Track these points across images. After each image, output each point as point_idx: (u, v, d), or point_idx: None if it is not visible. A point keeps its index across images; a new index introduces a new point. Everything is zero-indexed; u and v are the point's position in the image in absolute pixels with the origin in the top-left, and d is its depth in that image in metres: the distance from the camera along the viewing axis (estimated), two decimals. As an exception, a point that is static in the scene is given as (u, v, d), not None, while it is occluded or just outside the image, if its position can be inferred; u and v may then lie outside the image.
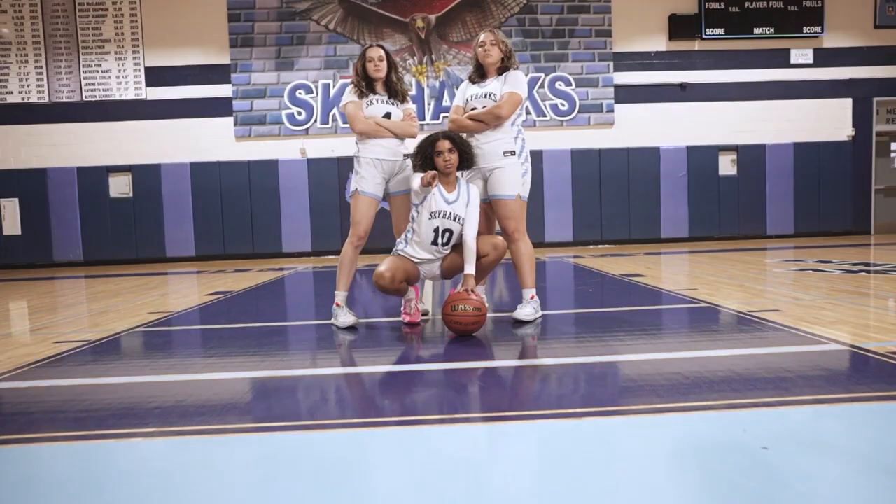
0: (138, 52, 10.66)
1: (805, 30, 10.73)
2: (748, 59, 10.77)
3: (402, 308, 3.31)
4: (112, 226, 10.46)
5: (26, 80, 10.74)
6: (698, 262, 6.48)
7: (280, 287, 5.72)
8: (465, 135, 3.28)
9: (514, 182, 3.29)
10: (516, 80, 3.30)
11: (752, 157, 10.66)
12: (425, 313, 3.54)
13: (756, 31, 10.72)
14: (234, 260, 10.28)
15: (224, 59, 10.66)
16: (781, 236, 10.61)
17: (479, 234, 3.22)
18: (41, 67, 10.74)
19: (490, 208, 3.42)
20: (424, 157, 3.17)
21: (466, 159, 3.21)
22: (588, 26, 10.74)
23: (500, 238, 3.27)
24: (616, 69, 10.78)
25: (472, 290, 2.92)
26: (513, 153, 3.30)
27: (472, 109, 3.35)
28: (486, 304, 3.62)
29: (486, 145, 3.30)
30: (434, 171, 2.99)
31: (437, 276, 3.29)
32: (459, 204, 3.15)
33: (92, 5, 10.69)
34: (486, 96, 3.32)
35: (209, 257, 10.42)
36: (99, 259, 10.42)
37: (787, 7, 10.71)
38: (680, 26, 10.71)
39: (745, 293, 3.93)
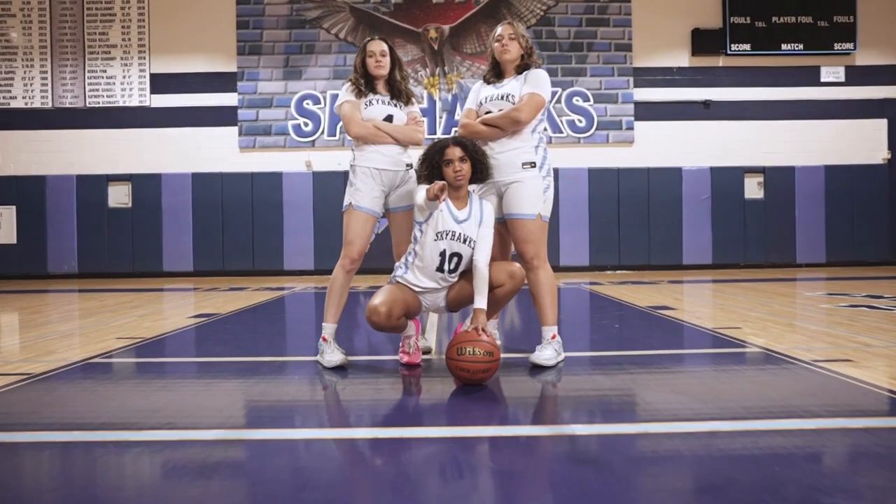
0: (144, 58, 10.36)
1: (836, 46, 10.23)
2: (776, 77, 10.28)
3: (399, 345, 2.81)
4: (109, 237, 10.08)
5: (31, 84, 10.46)
6: (730, 294, 5.94)
7: (273, 310, 5.25)
8: (478, 142, 2.81)
9: (533, 199, 2.80)
10: (538, 80, 2.83)
11: (780, 179, 10.12)
12: (427, 351, 3.04)
13: (784, 47, 10.24)
14: (233, 276, 9.84)
15: (231, 67, 10.34)
16: (812, 265, 10.01)
17: (493, 259, 2.73)
18: (46, 72, 10.47)
19: (505, 229, 2.93)
20: (431, 168, 2.68)
21: (480, 170, 2.73)
22: (607, 40, 10.32)
23: (517, 265, 2.77)
24: (636, 85, 10.32)
25: (483, 329, 2.42)
26: (533, 165, 2.82)
27: (487, 113, 2.88)
28: (499, 341, 3.12)
29: (502, 155, 2.82)
30: (443, 182, 2.50)
31: (441, 308, 2.80)
32: (471, 223, 2.67)
33: (101, 10, 10.44)
34: (503, 98, 2.85)
35: (207, 273, 9.99)
36: (94, 272, 10.02)
37: (817, 22, 10.24)
38: (703, 41, 10.26)
39: (800, 335, 3.40)
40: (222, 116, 10.31)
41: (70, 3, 10.48)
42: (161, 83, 10.36)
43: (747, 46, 10.24)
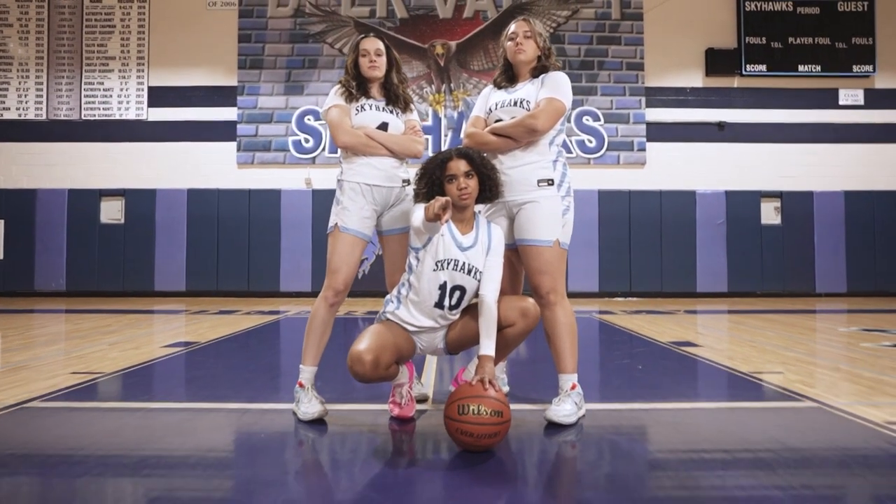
0: (143, 70, 10.08)
1: (855, 68, 9.90)
2: (792, 99, 9.93)
3: (390, 395, 2.37)
4: (100, 254, 9.70)
5: (25, 96, 10.19)
6: (756, 328, 5.49)
7: (259, 339, 4.82)
8: (486, 155, 2.42)
9: (551, 222, 2.38)
10: (558, 84, 2.43)
11: (797, 205, 9.71)
12: (423, 399, 2.61)
13: (801, 68, 9.91)
14: (227, 297, 9.42)
15: (231, 81, 10.05)
16: (832, 295, 9.54)
17: (502, 293, 2.31)
18: (41, 84, 10.19)
19: (516, 258, 2.52)
20: (431, 184, 2.27)
21: (489, 188, 2.31)
22: (619, 59, 10.01)
23: (531, 301, 2.34)
24: (648, 105, 9.99)
25: (491, 382, 1.99)
26: (550, 182, 2.40)
27: (497, 121, 2.48)
28: (506, 388, 2.68)
29: (515, 171, 2.41)
30: (447, 199, 2.06)
31: (439, 350, 2.37)
32: (477, 251, 2.26)
33: (100, 21, 10.20)
34: (516, 104, 2.45)
35: (200, 293, 9.58)
36: (82, 290, 9.62)
37: (835, 44, 9.92)
38: (718, 61, 9.95)
39: (855, 383, 2.94)
40: (221, 131, 9.99)
41: (69, 14, 10.25)
42: (159, 96, 10.07)
43: (763, 67, 9.91)
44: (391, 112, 2.53)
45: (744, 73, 9.90)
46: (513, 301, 2.32)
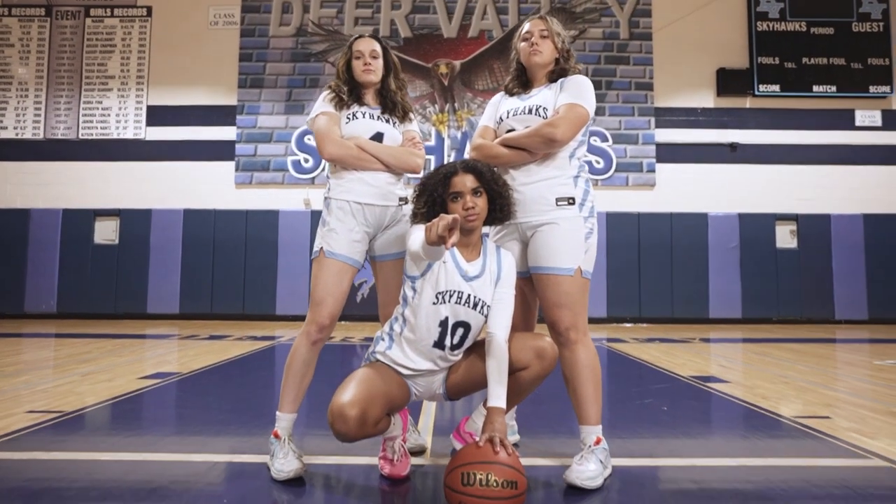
0: (142, 89, 9.90)
1: (871, 89, 9.64)
2: (807, 120, 9.65)
3: (380, 449, 2.02)
4: (92, 276, 9.40)
5: (23, 115, 10.00)
6: (784, 360, 5.11)
7: (246, 369, 4.47)
8: (497, 169, 2.09)
9: (572, 248, 2.05)
10: (580, 88, 2.12)
11: (814, 228, 9.36)
12: (419, 451, 2.25)
13: (816, 88, 9.65)
14: (221, 321, 9.09)
15: (231, 100, 9.85)
16: (853, 322, 9.14)
17: (513, 329, 1.98)
18: (40, 102, 10.02)
19: (530, 288, 2.19)
20: (432, 203, 1.95)
21: (500, 207, 1.99)
22: (627, 78, 9.77)
23: (548, 340, 2.00)
24: (658, 125, 9.72)
25: (503, 443, 1.64)
26: (571, 201, 2.08)
27: (509, 132, 2.17)
28: (516, 436, 2.33)
29: (530, 187, 2.09)
30: (454, 216, 1.70)
31: (438, 396, 2.03)
32: (484, 281, 1.93)
33: (101, 40, 10.05)
34: (531, 111, 2.13)
35: (194, 316, 9.25)
36: (73, 312, 9.30)
37: (851, 64, 9.67)
38: (729, 81, 9.70)
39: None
40: (219, 151, 9.76)
41: (70, 34, 10.11)
42: (157, 115, 9.86)
43: (776, 87, 9.66)
44: (387, 121, 2.22)
45: (756, 93, 9.64)
46: (527, 340, 1.98)
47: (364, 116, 2.19)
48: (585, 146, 2.21)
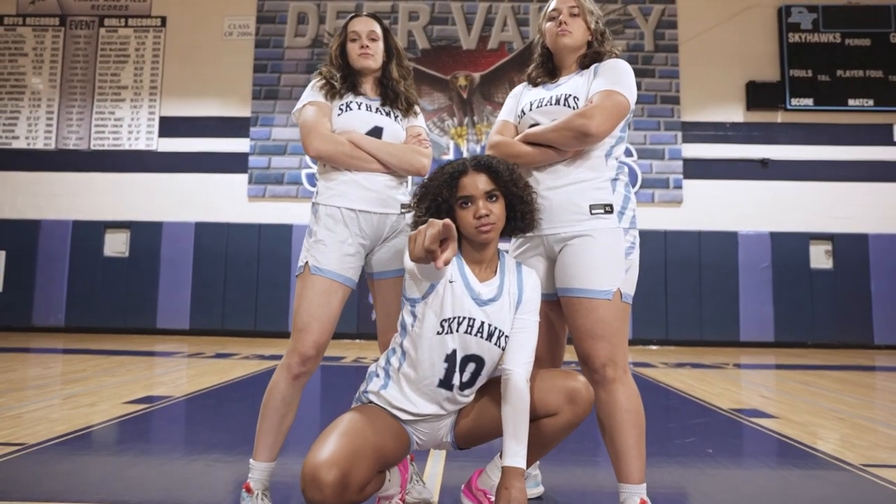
0: (155, 100, 9.76)
1: (911, 103, 9.17)
2: (842, 135, 9.21)
3: (382, 509, 1.67)
4: (102, 289, 9.20)
5: (35, 125, 9.91)
6: (830, 391, 4.68)
7: (244, 393, 4.13)
8: (517, 169, 1.73)
9: (610, 265, 1.71)
10: (617, 73, 1.77)
11: (851, 248, 8.88)
12: (430, 509, 1.90)
13: (851, 102, 9.21)
14: (232, 337, 8.81)
15: (245, 112, 9.67)
16: (893, 347, 8.60)
17: (538, 364, 1.63)
18: (52, 113, 9.92)
19: (557, 314, 1.84)
20: (437, 209, 1.61)
21: (521, 215, 1.65)
22: (653, 92, 9.42)
23: (581, 380, 1.64)
24: (685, 140, 9.34)
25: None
26: (609, 209, 1.73)
27: (533, 126, 1.83)
28: (538, 489, 1.96)
29: (558, 192, 1.75)
30: (444, 223, 1.34)
31: (445, 444, 1.68)
32: (501, 306, 1.59)
33: (115, 51, 9.95)
34: (559, 101, 1.79)
35: (204, 332, 8.99)
36: (82, 326, 9.10)
37: (888, 77, 9.24)
38: (760, 95, 9.31)
39: None
40: (232, 163, 9.56)
41: (84, 44, 10.03)
42: (170, 126, 9.71)
43: (809, 101, 9.24)
44: (387, 114, 1.89)
45: (788, 107, 9.23)
46: (555, 379, 1.62)
47: (360, 108, 1.87)
48: (624, 144, 1.86)
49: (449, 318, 1.56)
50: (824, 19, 9.36)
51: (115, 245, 9.46)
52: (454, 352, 1.56)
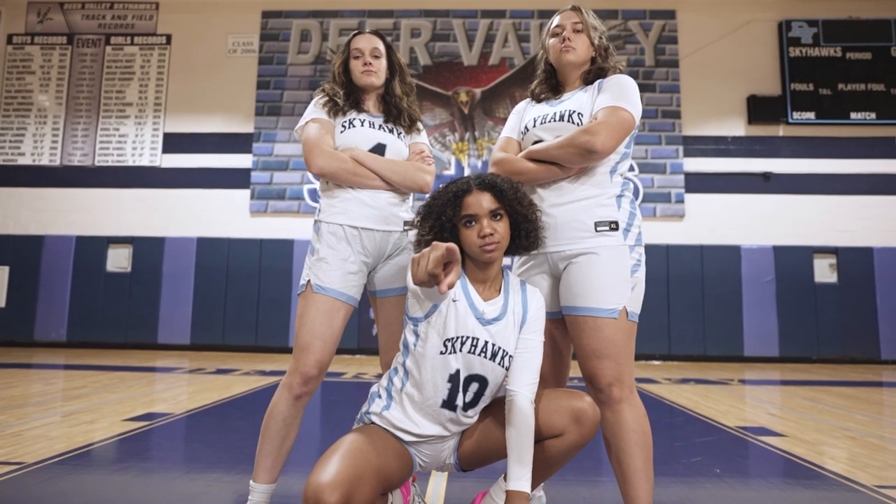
0: (159, 116, 9.83)
1: (913, 117, 9.17)
2: (845, 148, 9.21)
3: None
4: (104, 304, 9.20)
5: (41, 141, 9.98)
6: (840, 408, 4.62)
7: (244, 410, 4.10)
8: (521, 187, 1.72)
9: (616, 283, 1.70)
10: (622, 89, 1.76)
11: (855, 261, 8.83)
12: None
13: (853, 115, 9.22)
14: (233, 352, 8.79)
15: (247, 128, 9.72)
16: (901, 362, 8.53)
17: (542, 385, 1.61)
18: (58, 129, 9.99)
19: (562, 333, 1.82)
20: (440, 228, 1.60)
21: (526, 233, 1.65)
22: (654, 106, 9.45)
23: (587, 400, 1.61)
24: (686, 154, 9.35)
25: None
26: (614, 226, 1.72)
27: (536, 143, 1.83)
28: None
29: (563, 209, 1.74)
30: (448, 246, 1.34)
31: (448, 466, 1.66)
32: (506, 325, 1.57)
33: (120, 68, 10.04)
34: (563, 118, 1.78)
35: (205, 347, 8.97)
36: (83, 341, 9.09)
37: (890, 90, 9.25)
38: (761, 109, 9.32)
39: None
40: (234, 178, 9.60)
41: (90, 62, 10.13)
42: (174, 142, 9.77)
43: (811, 115, 9.25)
44: (390, 131, 1.89)
45: (790, 121, 9.25)
46: (560, 399, 1.59)
47: (363, 125, 1.87)
48: (629, 160, 1.85)
49: (452, 338, 1.54)
50: (825, 33, 9.40)
51: (118, 260, 9.47)
52: (458, 372, 1.54)
